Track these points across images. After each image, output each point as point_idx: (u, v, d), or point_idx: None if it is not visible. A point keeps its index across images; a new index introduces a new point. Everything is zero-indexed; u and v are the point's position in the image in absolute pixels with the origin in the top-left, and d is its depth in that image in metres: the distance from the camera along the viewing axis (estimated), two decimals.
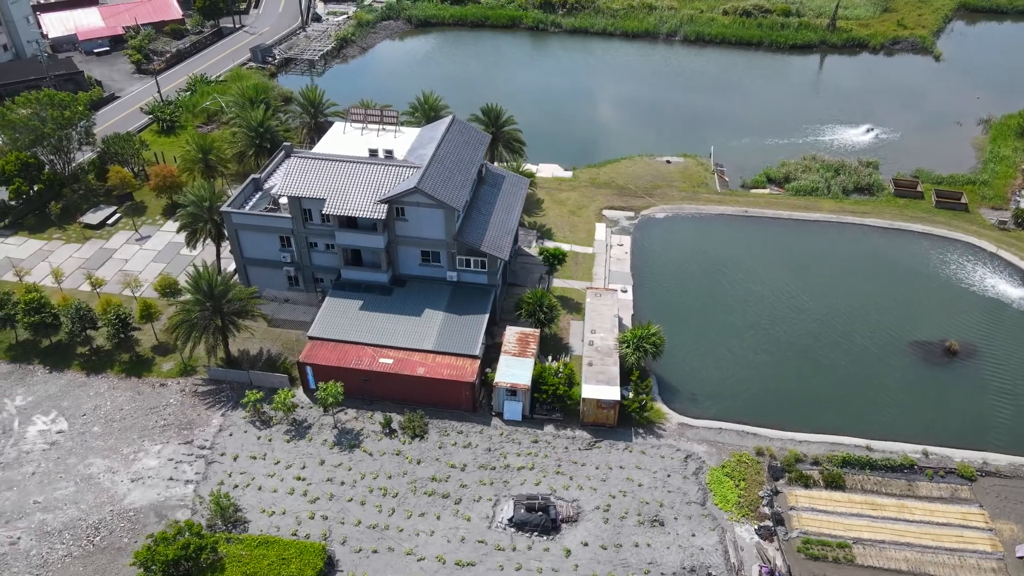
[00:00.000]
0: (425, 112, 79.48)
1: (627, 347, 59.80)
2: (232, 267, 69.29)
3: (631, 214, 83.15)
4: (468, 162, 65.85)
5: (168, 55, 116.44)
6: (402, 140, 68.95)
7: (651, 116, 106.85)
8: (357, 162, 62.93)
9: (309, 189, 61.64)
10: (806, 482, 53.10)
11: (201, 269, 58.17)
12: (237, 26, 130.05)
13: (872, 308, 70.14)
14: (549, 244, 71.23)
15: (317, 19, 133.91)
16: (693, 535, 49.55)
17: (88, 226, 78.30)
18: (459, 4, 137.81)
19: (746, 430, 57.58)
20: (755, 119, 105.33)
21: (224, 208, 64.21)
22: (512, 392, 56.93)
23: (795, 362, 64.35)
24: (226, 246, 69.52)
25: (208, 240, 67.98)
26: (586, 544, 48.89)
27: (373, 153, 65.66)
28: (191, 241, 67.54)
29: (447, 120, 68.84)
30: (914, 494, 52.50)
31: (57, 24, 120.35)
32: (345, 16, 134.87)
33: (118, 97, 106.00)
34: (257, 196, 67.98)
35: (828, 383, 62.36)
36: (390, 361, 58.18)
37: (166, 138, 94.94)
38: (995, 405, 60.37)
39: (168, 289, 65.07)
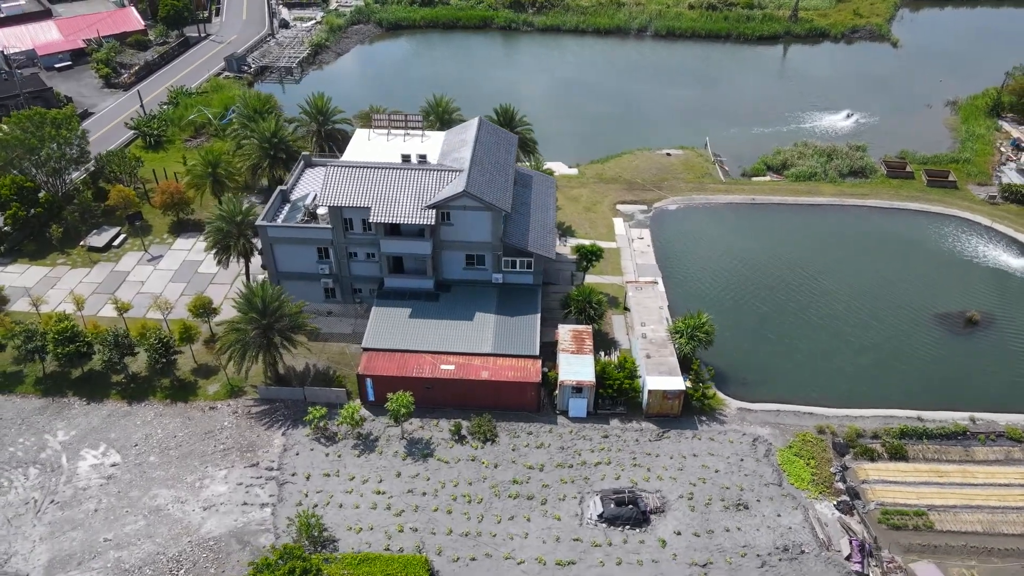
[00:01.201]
0: (439, 115, 78.78)
1: (681, 337, 60.80)
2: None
3: (644, 207, 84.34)
4: (505, 163, 65.72)
5: (136, 67, 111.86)
6: (430, 145, 68.24)
7: (639, 110, 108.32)
8: (398, 168, 62.08)
9: (352, 198, 60.45)
10: (871, 455, 55.11)
11: (254, 286, 56.37)
12: (202, 35, 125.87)
13: (890, 285, 73.08)
14: (584, 242, 71.48)
15: (285, 25, 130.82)
16: (778, 515, 50.86)
17: (93, 249, 74.75)
18: (429, 6, 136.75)
19: (802, 410, 59.34)
20: (739, 110, 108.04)
21: (259, 222, 62.37)
22: (578, 389, 57.18)
23: (831, 342, 66.50)
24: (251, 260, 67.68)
25: (236, 256, 65.84)
26: (679, 533, 49.63)
27: (406, 159, 64.85)
28: (221, 258, 65.27)
29: (474, 122, 68.47)
30: (972, 459, 55.15)
31: (12, 39, 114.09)
32: (313, 21, 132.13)
33: (92, 113, 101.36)
34: (287, 208, 66.24)
35: (866, 360, 64.70)
36: (452, 367, 57.65)
37: (154, 153, 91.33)
38: (1018, 368, 63.87)
39: (202, 309, 62.74)
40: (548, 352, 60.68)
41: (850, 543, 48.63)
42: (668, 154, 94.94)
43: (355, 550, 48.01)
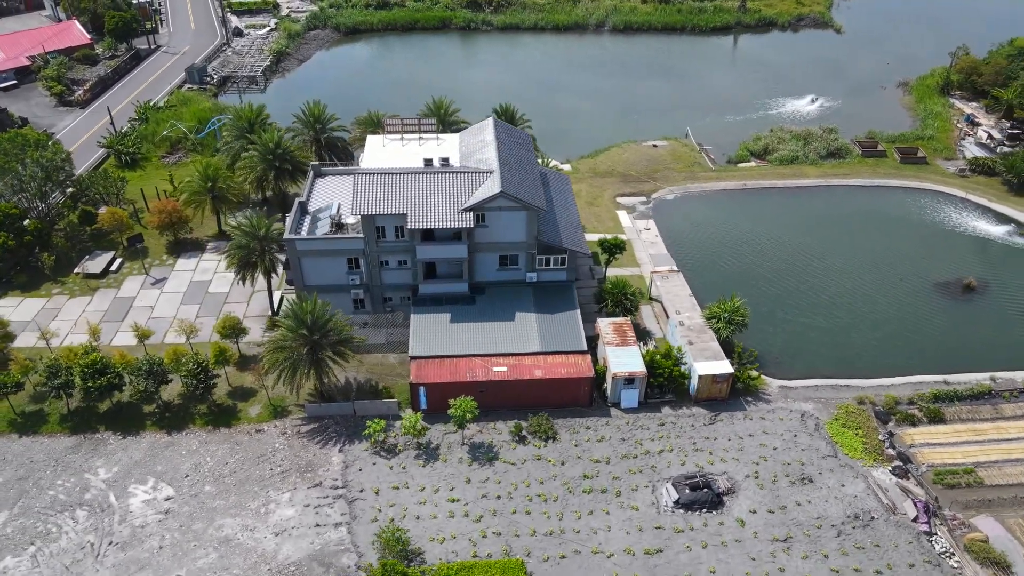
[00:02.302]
0: (441, 118, 78.03)
1: (718, 322, 62.29)
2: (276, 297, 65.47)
3: (643, 199, 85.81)
4: (529, 162, 65.78)
5: (89, 83, 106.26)
6: (447, 147, 67.65)
7: (613, 104, 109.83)
8: (429, 172, 61.34)
9: (385, 205, 59.39)
10: (912, 421, 57.90)
11: (300, 302, 54.69)
12: (153, 47, 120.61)
13: (887, 259, 76.70)
14: (606, 236, 71.98)
15: (239, 33, 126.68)
16: (842, 486, 52.84)
17: (91, 275, 70.84)
18: (385, 9, 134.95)
19: (839, 383, 61.76)
20: (708, 99, 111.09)
21: (287, 235, 60.52)
22: (630, 380, 57.89)
23: (846, 317, 69.28)
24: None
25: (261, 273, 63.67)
26: (754, 511, 50.97)
27: (428, 163, 64.17)
28: (245, 276, 62.98)
29: (489, 123, 68.22)
30: (1002, 416, 58.63)
31: None
32: (268, 29, 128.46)
33: (52, 134, 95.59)
34: (307, 220, 64.45)
35: (883, 331, 67.74)
36: (504, 368, 57.43)
37: (131, 172, 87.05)
38: (1021, 327, 68.23)
39: (231, 330, 60.42)
40: (588, 346, 61.02)
41: (915, 505, 51.00)
42: (655, 145, 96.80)
43: (444, 560, 47.37)
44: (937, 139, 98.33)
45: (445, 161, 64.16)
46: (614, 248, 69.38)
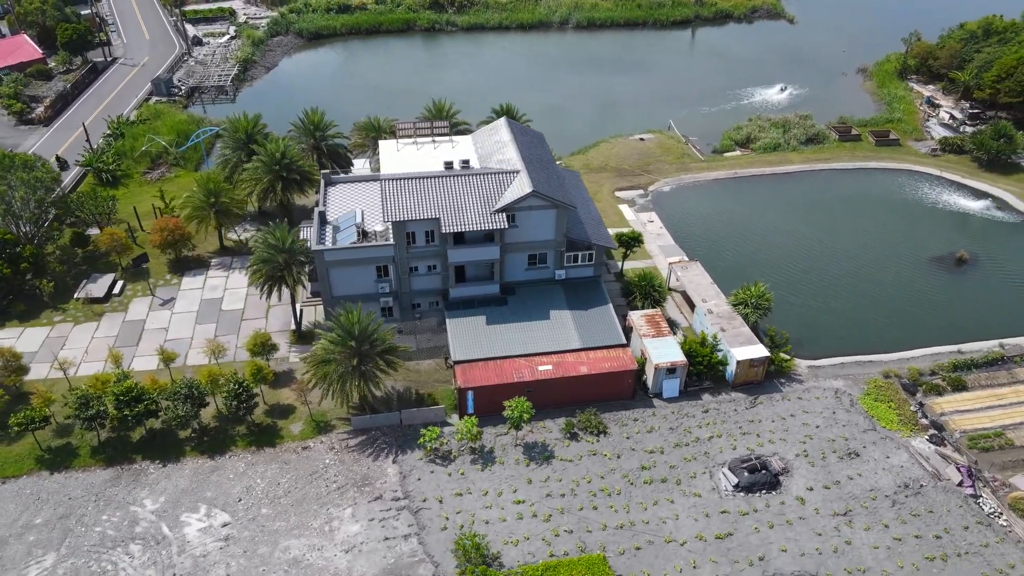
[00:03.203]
0: (442, 120, 77.28)
1: (745, 308, 63.77)
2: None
3: (641, 191, 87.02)
4: (548, 160, 65.92)
5: (49, 100, 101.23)
6: (463, 150, 67.19)
7: (591, 100, 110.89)
8: (455, 176, 60.80)
9: (416, 211, 58.62)
10: (938, 391, 60.53)
11: (345, 313, 53.52)
12: (109, 59, 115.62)
13: (880, 238, 79.92)
14: (623, 230, 72.77)
15: (199, 42, 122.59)
16: (887, 457, 54.88)
17: (94, 300, 67.63)
18: (347, 12, 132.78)
19: (861, 360, 64.05)
20: (681, 92, 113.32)
21: (315, 247, 59.10)
22: (671, 370, 58.75)
23: (855, 297, 71.80)
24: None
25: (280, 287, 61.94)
26: (811, 488, 52.46)
27: (449, 166, 63.63)
28: (271, 291, 61.16)
29: (502, 123, 68.14)
30: (1018, 380, 61.84)
31: None
32: (227, 37, 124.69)
33: (37, 155, 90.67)
34: (328, 230, 63.02)
35: (891, 307, 70.50)
36: (549, 367, 57.49)
37: (114, 190, 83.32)
38: (1017, 295, 72.09)
39: (260, 348, 58.64)
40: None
41: (958, 470, 53.40)
42: (642, 139, 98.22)
43: (522, 562, 47.20)
44: (905, 121, 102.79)
45: (465, 163, 63.71)
46: (632, 241, 70.17)
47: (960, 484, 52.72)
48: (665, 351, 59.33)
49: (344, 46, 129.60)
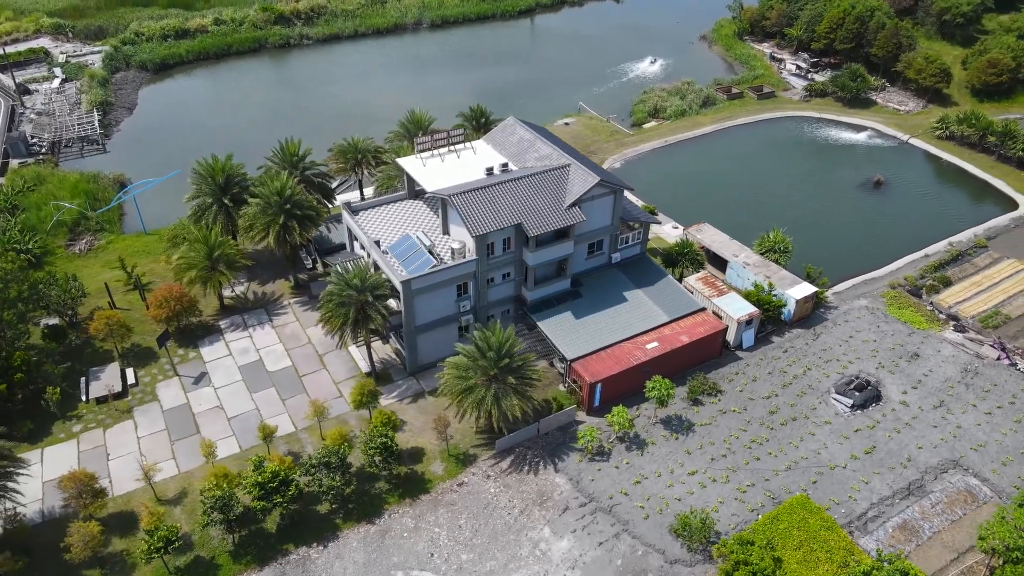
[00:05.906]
0: (417, 128, 75.29)
1: (775, 253, 70.14)
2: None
3: None
4: (570, 149, 66.93)
5: None
6: (490, 154, 65.94)
7: (489, 94, 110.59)
8: (518, 179, 59.91)
9: (497, 220, 57.19)
10: (936, 290, 71.26)
11: (487, 331, 51.22)
12: None
13: (807, 174, 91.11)
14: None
15: (26, 91, 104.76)
16: (939, 351, 64.07)
17: (117, 396, 57.47)
18: (187, 38, 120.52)
19: (866, 277, 73.36)
20: (566, 75, 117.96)
21: (404, 277, 55.45)
22: (748, 322, 63.40)
23: (818, 227, 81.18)
24: None
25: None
26: (905, 392, 59.99)
27: (490, 171, 62.53)
28: (353, 335, 56.25)
29: (512, 121, 68.05)
30: (978, 267, 74.52)
31: None
32: (58, 80, 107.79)
33: None
34: (389, 258, 59.16)
35: (852, 229, 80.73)
36: (656, 343, 59.43)
37: (40, 272, 70.05)
38: (934, 203, 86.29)
39: (369, 396, 54.09)
40: None
41: (992, 347, 63.92)
42: (567, 123, 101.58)
43: (733, 525, 49.35)
44: (766, 76, 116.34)
45: (505, 167, 62.93)
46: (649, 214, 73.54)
47: (998, 359, 63.22)
48: (738, 305, 63.83)
49: (199, 74, 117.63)
